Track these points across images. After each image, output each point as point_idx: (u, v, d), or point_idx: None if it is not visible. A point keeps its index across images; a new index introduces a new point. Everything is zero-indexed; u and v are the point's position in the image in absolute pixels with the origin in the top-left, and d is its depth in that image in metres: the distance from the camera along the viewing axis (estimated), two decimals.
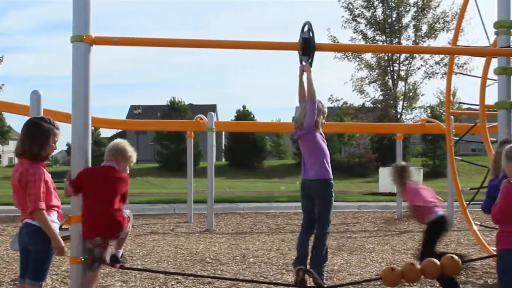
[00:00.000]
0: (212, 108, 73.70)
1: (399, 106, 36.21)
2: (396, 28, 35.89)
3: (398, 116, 35.41)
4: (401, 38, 35.91)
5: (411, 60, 35.90)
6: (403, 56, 35.81)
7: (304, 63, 6.44)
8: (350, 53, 34.41)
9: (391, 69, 36.18)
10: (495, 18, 7.86)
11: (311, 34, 6.13)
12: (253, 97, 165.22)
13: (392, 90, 35.81)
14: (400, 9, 35.89)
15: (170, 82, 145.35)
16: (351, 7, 35.87)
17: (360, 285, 7.26)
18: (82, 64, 5.38)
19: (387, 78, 35.91)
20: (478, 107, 8.82)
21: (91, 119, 5.52)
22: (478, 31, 50.14)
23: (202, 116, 14.75)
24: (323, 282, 6.36)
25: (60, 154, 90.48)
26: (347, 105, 36.45)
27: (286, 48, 6.62)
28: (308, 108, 6.50)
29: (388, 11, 36.11)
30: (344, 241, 11.30)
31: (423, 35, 35.61)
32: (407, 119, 36.31)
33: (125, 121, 21.82)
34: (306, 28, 6.21)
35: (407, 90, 36.16)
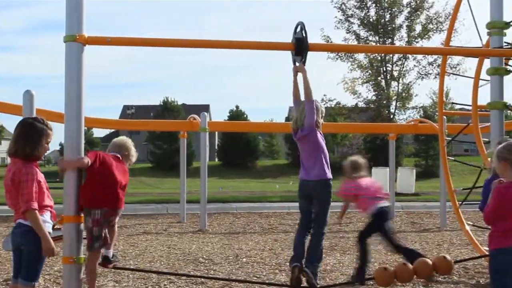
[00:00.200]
0: (205, 108, 73.63)
1: (392, 107, 36.27)
2: (389, 29, 35.94)
3: (391, 117, 35.47)
4: (394, 39, 35.97)
5: (404, 61, 35.97)
6: (396, 57, 35.86)
7: (297, 63, 6.45)
8: (343, 54, 34.47)
9: (384, 70, 36.23)
10: (488, 19, 7.89)
11: (304, 34, 6.14)
12: (246, 97, 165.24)
13: (385, 91, 35.86)
14: (394, 10, 35.94)
15: (163, 82, 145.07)
16: (344, 8, 35.92)
17: (353, 285, 7.26)
18: (75, 64, 5.38)
19: (380, 79, 35.96)
20: (471, 108, 8.85)
21: (84, 119, 5.52)
22: (471, 32, 50.28)
23: (195, 116, 14.73)
24: (317, 282, 6.38)
25: (53, 154, 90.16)
26: (340, 106, 36.50)
27: (279, 48, 6.62)
28: (307, 109, 6.50)
29: (381, 12, 36.16)
30: (337, 241, 11.31)
31: (416, 36, 35.69)
32: (400, 120, 36.40)
33: (118, 121, 21.82)
34: (299, 28, 6.22)
35: (400, 91, 36.23)
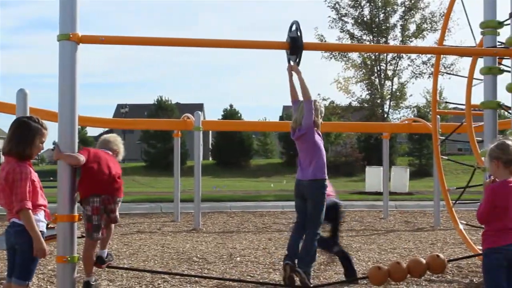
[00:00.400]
0: (199, 107, 73.59)
1: (386, 106, 36.34)
2: (383, 28, 36.01)
3: (385, 116, 35.55)
4: (388, 38, 36.05)
5: (398, 60, 36.06)
6: (390, 56, 35.94)
7: (292, 63, 6.45)
8: (337, 53, 34.51)
9: (378, 69, 36.30)
10: (481, 19, 7.90)
11: (299, 33, 6.13)
12: (240, 97, 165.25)
13: (379, 90, 35.93)
14: (388, 9, 36.01)
15: (157, 81, 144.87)
16: (338, 7, 35.97)
17: (347, 284, 7.27)
18: (69, 63, 5.38)
19: (374, 78, 36.03)
20: (464, 107, 8.87)
21: (78, 118, 5.52)
22: (466, 32, 50.36)
23: (189, 115, 14.71)
24: (310, 282, 6.39)
25: (47, 153, 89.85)
26: (334, 105, 36.56)
27: (274, 47, 6.62)
28: (305, 109, 6.51)
29: (375, 11, 36.22)
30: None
31: (411, 35, 35.78)
32: (394, 119, 36.49)
33: (112, 120, 21.68)
34: (294, 27, 6.22)
35: (394, 90, 36.30)
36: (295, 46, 6.15)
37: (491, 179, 4.85)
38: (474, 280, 7.49)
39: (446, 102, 27.34)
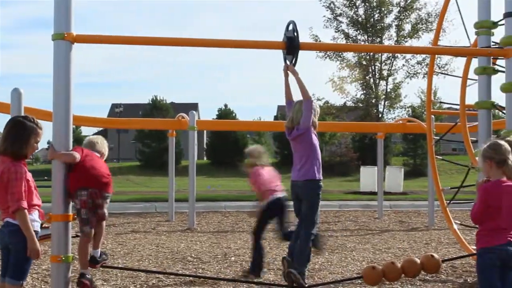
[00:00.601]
0: (194, 107, 73.46)
1: (381, 106, 36.38)
2: (378, 28, 36.04)
3: (380, 116, 35.58)
4: (383, 38, 36.09)
5: (393, 60, 36.09)
6: (385, 56, 35.98)
7: (288, 62, 6.45)
8: (332, 52, 34.53)
9: (373, 69, 36.34)
10: (476, 19, 7.92)
11: (296, 33, 6.14)
12: (235, 96, 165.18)
13: (374, 90, 35.96)
14: (383, 9, 36.05)
15: (152, 81, 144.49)
16: (333, 7, 35.99)
17: (341, 284, 7.28)
18: (63, 62, 5.37)
19: (368, 77, 36.06)
20: (459, 107, 8.88)
21: (73, 117, 5.51)
22: (460, 32, 50.45)
23: (184, 115, 14.70)
24: (304, 282, 6.39)
25: (41, 152, 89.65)
26: (329, 105, 36.57)
27: (271, 47, 6.63)
28: (305, 108, 6.50)
29: (370, 11, 36.25)
30: (325, 240, 11.32)
31: (406, 35, 35.81)
32: (389, 119, 36.53)
33: (107, 119, 21.63)
34: (291, 27, 6.22)
35: (389, 90, 36.34)
36: (292, 46, 6.15)
37: (484, 179, 4.86)
38: (468, 280, 7.51)
39: (441, 102, 27.33)
